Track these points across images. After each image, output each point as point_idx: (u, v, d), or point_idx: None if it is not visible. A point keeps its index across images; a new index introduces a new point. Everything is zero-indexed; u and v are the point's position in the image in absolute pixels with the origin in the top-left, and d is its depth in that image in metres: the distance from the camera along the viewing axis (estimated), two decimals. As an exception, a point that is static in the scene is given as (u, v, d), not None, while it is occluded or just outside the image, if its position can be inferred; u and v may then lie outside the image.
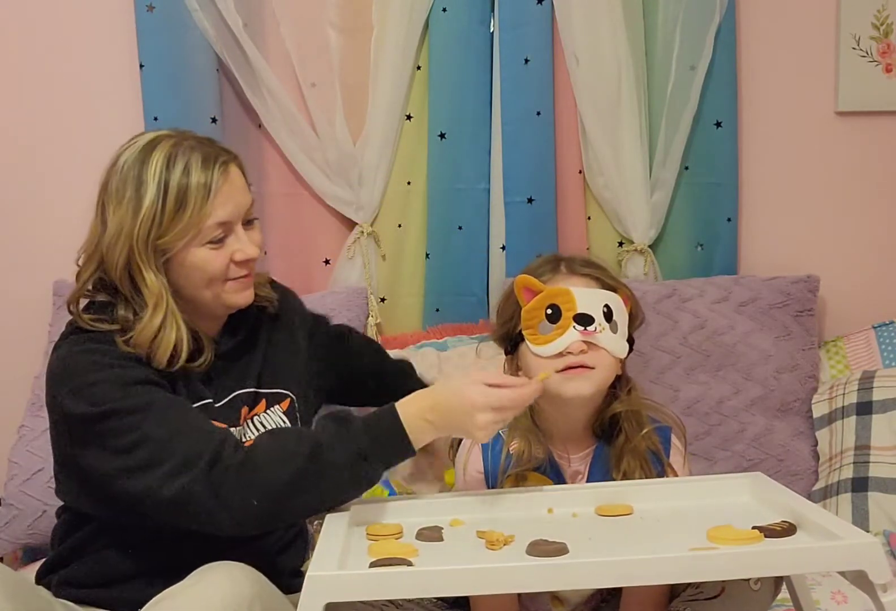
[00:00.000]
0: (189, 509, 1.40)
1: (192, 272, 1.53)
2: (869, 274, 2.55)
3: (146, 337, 1.49)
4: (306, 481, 1.40)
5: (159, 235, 1.48)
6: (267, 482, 1.40)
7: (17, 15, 2.36)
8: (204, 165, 1.50)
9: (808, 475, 2.24)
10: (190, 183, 1.48)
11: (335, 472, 1.41)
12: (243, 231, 1.55)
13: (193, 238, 1.50)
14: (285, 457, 1.42)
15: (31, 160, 2.40)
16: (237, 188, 1.54)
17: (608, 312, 1.55)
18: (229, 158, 1.55)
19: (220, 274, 1.53)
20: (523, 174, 2.39)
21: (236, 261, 1.54)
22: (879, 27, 2.48)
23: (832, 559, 1.19)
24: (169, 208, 1.47)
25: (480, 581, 1.19)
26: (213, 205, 1.49)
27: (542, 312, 1.55)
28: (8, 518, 2.11)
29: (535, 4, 2.35)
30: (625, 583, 1.39)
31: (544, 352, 1.54)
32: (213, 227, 1.50)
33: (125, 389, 1.46)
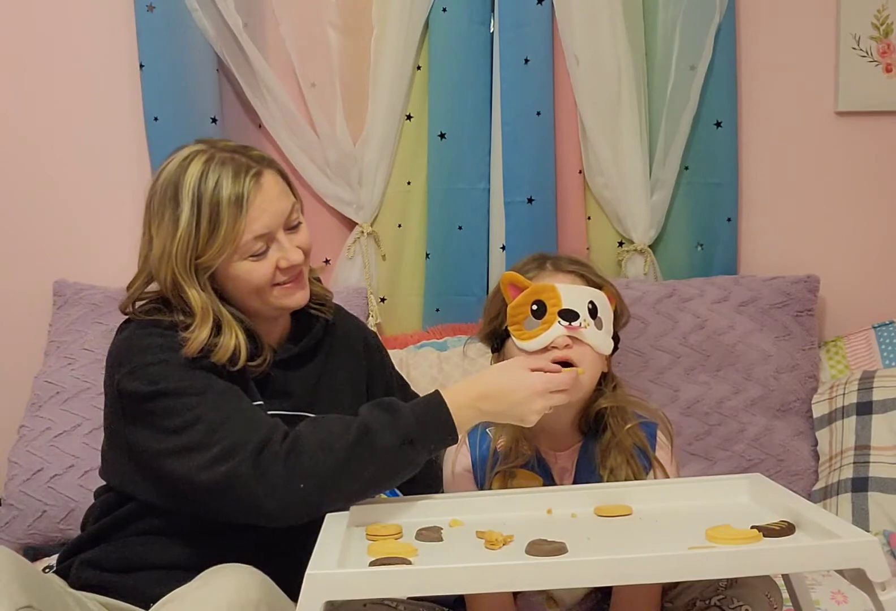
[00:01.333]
0: (234, 494, 1.40)
1: (237, 284, 1.54)
2: (869, 274, 2.56)
3: (196, 346, 1.49)
4: (353, 465, 1.40)
5: (197, 254, 1.49)
6: (314, 467, 1.39)
7: (18, 15, 2.36)
8: (234, 179, 1.49)
9: (808, 475, 2.24)
10: (221, 200, 1.47)
11: (382, 456, 1.41)
12: (286, 237, 1.53)
13: (233, 254, 1.49)
14: (333, 442, 1.41)
15: (31, 160, 2.40)
16: (272, 197, 1.52)
17: (593, 309, 1.56)
18: (261, 166, 1.53)
19: (265, 283, 1.53)
20: (523, 174, 2.39)
21: (282, 268, 1.53)
22: (879, 27, 2.48)
23: (830, 558, 1.19)
24: (203, 228, 1.47)
25: (479, 580, 1.19)
26: (247, 219, 1.48)
27: (527, 308, 1.55)
28: (8, 518, 2.12)
29: (535, 4, 2.35)
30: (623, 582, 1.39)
31: (529, 347, 1.54)
32: (251, 241, 1.50)
33: (183, 371, 1.47)
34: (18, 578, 1.30)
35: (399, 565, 1.22)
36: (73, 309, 2.32)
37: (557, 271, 1.61)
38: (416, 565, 1.22)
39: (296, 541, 1.40)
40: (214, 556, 1.45)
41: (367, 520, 1.43)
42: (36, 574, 1.37)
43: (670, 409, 2.20)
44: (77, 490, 2.10)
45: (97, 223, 2.43)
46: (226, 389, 1.49)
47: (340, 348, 1.73)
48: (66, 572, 1.60)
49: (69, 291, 2.35)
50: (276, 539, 1.51)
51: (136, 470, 1.53)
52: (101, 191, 2.42)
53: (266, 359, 1.57)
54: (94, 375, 2.20)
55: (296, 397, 1.61)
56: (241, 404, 1.48)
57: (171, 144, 2.28)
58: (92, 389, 2.18)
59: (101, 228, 2.43)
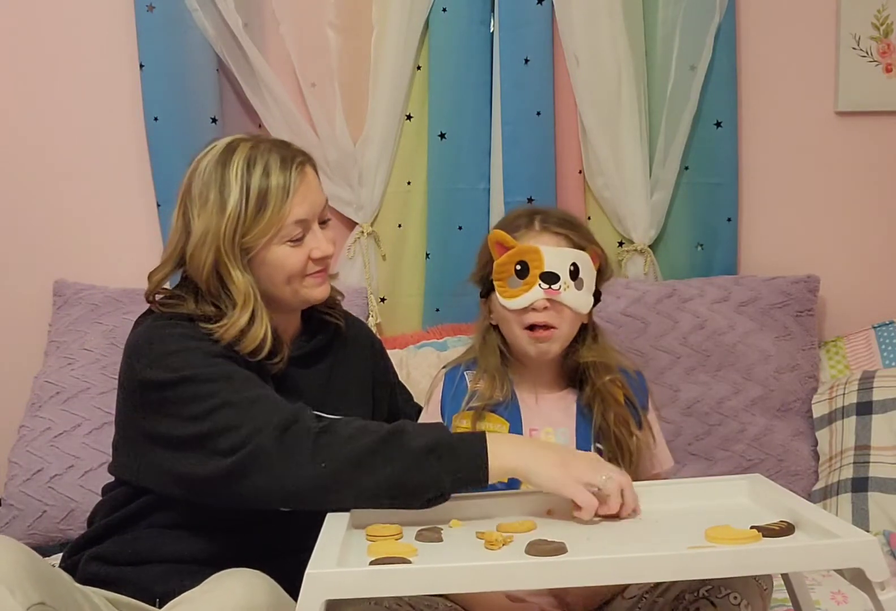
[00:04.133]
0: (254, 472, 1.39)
1: (273, 270, 1.57)
2: (869, 274, 2.56)
3: (233, 332, 1.53)
4: (376, 459, 1.38)
5: (243, 233, 1.53)
6: (340, 450, 1.38)
7: (18, 15, 2.37)
8: (282, 167, 1.55)
9: (808, 475, 2.24)
10: (270, 184, 1.53)
11: (405, 457, 1.38)
12: (320, 229, 1.60)
13: (274, 236, 1.54)
14: (364, 434, 1.41)
15: (31, 160, 2.40)
16: (313, 188, 1.60)
17: (574, 271, 1.63)
18: (305, 158, 1.61)
19: (298, 270, 1.58)
20: (523, 174, 2.39)
21: (314, 258, 1.58)
22: (879, 27, 2.48)
23: (830, 557, 1.18)
24: (251, 208, 1.53)
25: (479, 579, 1.19)
26: (291, 204, 1.54)
27: (511, 267, 1.64)
28: (8, 518, 2.12)
29: (535, 4, 2.35)
30: (623, 581, 1.39)
31: (510, 305, 1.64)
32: (292, 225, 1.55)
33: (206, 359, 1.50)
34: (32, 574, 1.31)
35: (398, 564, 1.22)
36: (73, 309, 2.32)
37: (544, 232, 1.67)
38: (415, 565, 1.22)
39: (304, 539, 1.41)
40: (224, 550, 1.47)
41: (367, 521, 1.43)
42: (48, 570, 1.37)
43: (670, 409, 2.20)
44: (77, 490, 2.10)
45: (97, 223, 2.43)
46: (249, 376, 1.50)
47: (350, 351, 1.76)
48: (72, 568, 1.60)
49: (69, 291, 2.35)
50: (286, 536, 1.52)
51: (152, 462, 1.53)
52: (101, 191, 2.42)
53: (284, 356, 1.60)
54: (94, 375, 2.20)
55: (306, 396, 1.61)
56: (265, 391, 1.49)
57: (171, 144, 2.34)
58: (92, 389, 2.18)
59: (102, 228, 2.43)
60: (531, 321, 1.63)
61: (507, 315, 1.66)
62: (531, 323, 1.63)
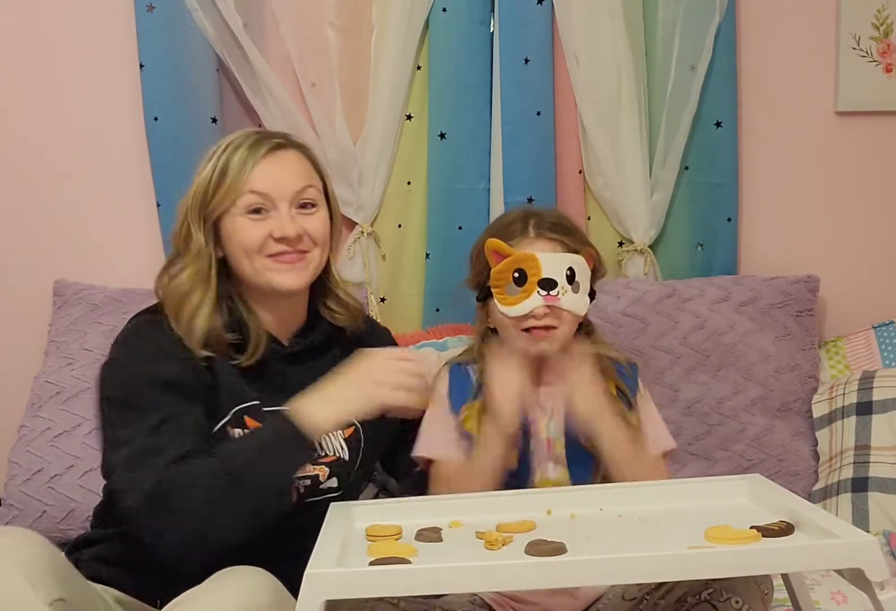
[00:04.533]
0: (137, 525, 1.45)
1: (232, 241, 1.60)
2: (869, 274, 2.56)
3: (174, 289, 1.59)
4: (223, 496, 1.42)
5: (207, 201, 1.59)
6: (183, 509, 1.42)
7: (18, 15, 2.37)
8: (255, 144, 1.60)
9: (808, 475, 2.24)
10: (234, 155, 1.59)
11: (243, 476, 1.43)
12: (288, 210, 1.60)
13: (232, 206, 1.58)
14: (196, 480, 1.43)
15: (31, 160, 2.40)
16: (285, 168, 1.61)
17: (571, 275, 1.66)
18: (289, 143, 1.65)
19: (255, 245, 1.59)
20: (523, 174, 2.39)
21: (275, 237, 1.59)
22: (879, 27, 2.48)
23: (829, 557, 1.19)
24: (215, 177, 1.58)
25: (479, 579, 1.19)
26: (251, 174, 1.58)
27: (509, 275, 1.66)
28: (8, 518, 2.12)
29: (535, 4, 2.35)
30: (622, 581, 1.40)
31: (510, 312, 1.66)
32: (249, 195, 1.58)
33: (145, 388, 1.52)
34: (53, 569, 1.32)
35: (398, 564, 1.22)
36: (73, 309, 2.32)
37: (539, 238, 1.69)
38: (415, 565, 1.23)
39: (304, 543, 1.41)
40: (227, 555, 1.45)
41: (368, 521, 1.43)
42: (67, 566, 1.39)
43: (670, 409, 2.20)
44: (77, 490, 2.10)
45: (97, 223, 2.43)
46: (169, 416, 1.50)
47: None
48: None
49: (69, 291, 2.35)
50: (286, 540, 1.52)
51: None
52: (101, 191, 2.42)
53: (255, 354, 1.60)
54: (94, 375, 2.18)
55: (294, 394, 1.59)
56: (166, 439, 1.48)
57: (171, 144, 2.34)
58: (92, 389, 2.16)
59: (102, 228, 2.43)
60: (530, 326, 1.66)
61: (506, 321, 1.68)
62: (527, 327, 1.66)
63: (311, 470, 1.61)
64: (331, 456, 1.65)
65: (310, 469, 1.61)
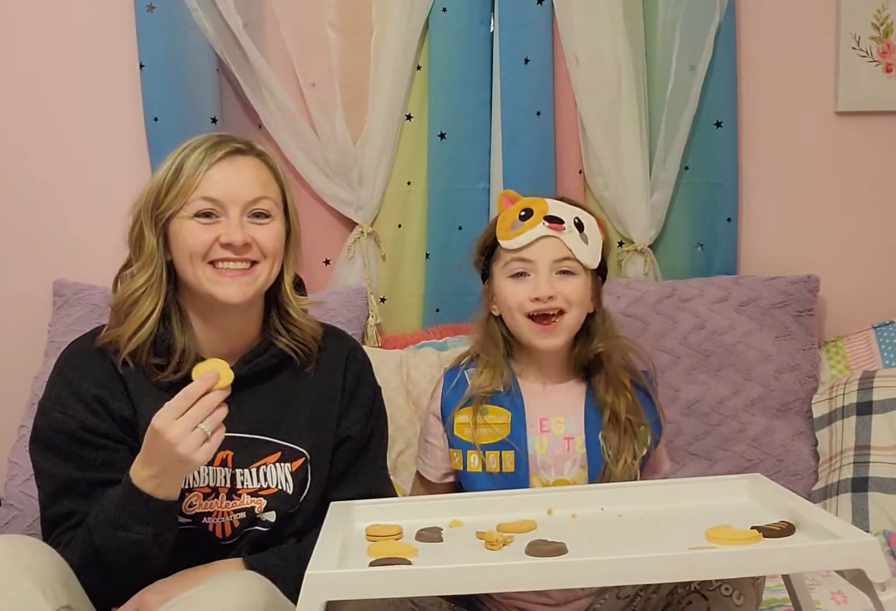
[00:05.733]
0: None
1: (178, 244, 1.54)
2: (869, 274, 2.56)
3: (126, 294, 1.55)
4: (98, 574, 1.44)
5: (158, 203, 1.54)
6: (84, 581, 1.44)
7: (18, 15, 2.36)
8: (213, 147, 1.55)
9: (808, 475, 2.24)
10: (189, 157, 1.54)
11: (111, 553, 1.43)
12: (238, 218, 1.53)
13: (182, 207, 1.53)
14: (76, 563, 1.43)
15: (31, 160, 2.40)
16: (241, 176, 1.55)
17: (579, 223, 1.63)
18: (249, 149, 1.59)
19: (200, 249, 1.52)
20: (523, 174, 2.39)
21: (221, 242, 1.52)
22: (879, 27, 2.48)
23: (830, 558, 1.19)
24: (168, 178, 1.54)
25: (479, 580, 1.19)
26: (203, 178, 1.53)
27: (516, 214, 1.64)
28: (8, 518, 2.12)
29: (535, 4, 2.35)
30: (623, 582, 1.39)
31: (509, 245, 1.63)
32: (199, 200, 1.52)
33: (43, 436, 1.54)
34: (61, 578, 1.34)
35: (399, 565, 1.22)
36: (73, 309, 2.32)
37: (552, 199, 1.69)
38: (415, 565, 1.22)
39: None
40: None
41: (368, 520, 1.43)
42: (71, 574, 1.40)
43: (670, 409, 2.20)
44: (77, 490, 2.10)
45: (97, 223, 2.42)
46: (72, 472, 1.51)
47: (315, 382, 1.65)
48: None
49: (69, 291, 2.35)
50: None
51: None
52: (101, 191, 2.42)
53: (174, 367, 1.54)
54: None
55: (249, 420, 1.57)
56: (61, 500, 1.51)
57: (171, 144, 2.28)
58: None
59: (102, 228, 2.41)
60: (533, 309, 1.60)
61: (510, 302, 1.63)
62: (534, 310, 1.61)
63: (248, 502, 1.56)
64: (272, 488, 1.57)
65: (247, 501, 1.56)
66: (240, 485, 1.57)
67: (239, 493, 1.56)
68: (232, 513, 1.55)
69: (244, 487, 1.57)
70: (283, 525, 1.58)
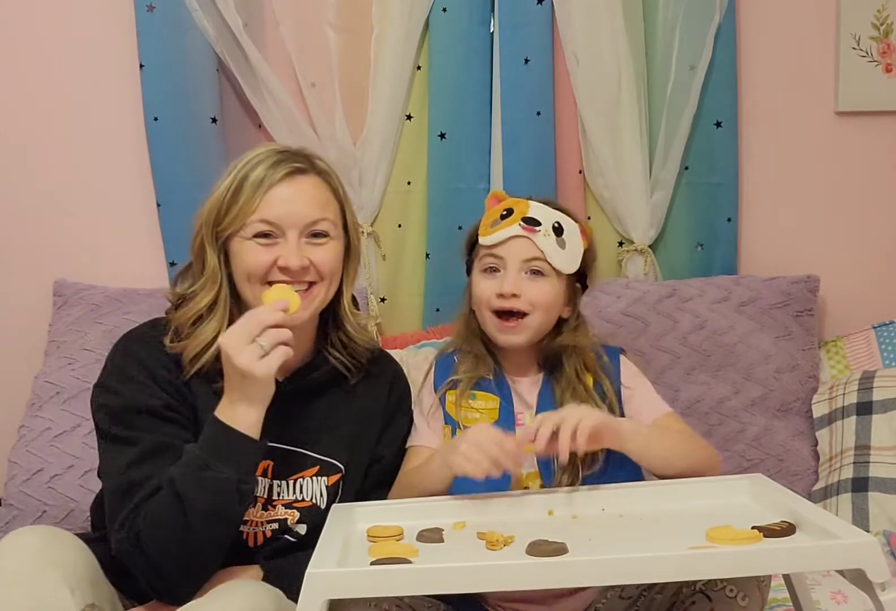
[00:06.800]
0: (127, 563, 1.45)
1: (237, 263, 1.54)
2: (869, 274, 2.56)
3: (190, 313, 1.54)
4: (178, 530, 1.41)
5: (220, 219, 1.53)
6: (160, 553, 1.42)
7: (18, 15, 2.36)
8: (272, 165, 1.53)
9: (808, 475, 2.24)
10: (249, 175, 1.52)
11: (193, 498, 1.40)
12: (297, 240, 1.52)
13: (242, 228, 1.52)
14: (161, 519, 1.42)
15: (31, 160, 2.40)
16: (300, 196, 1.54)
17: (558, 228, 1.64)
18: (309, 168, 1.57)
19: (258, 270, 1.52)
20: (523, 174, 2.39)
21: (280, 266, 1.52)
22: (879, 27, 2.48)
23: (830, 558, 1.19)
24: (230, 195, 1.52)
25: (480, 579, 1.19)
26: (262, 200, 1.51)
27: (498, 213, 1.67)
28: (8, 518, 2.12)
29: (535, 4, 2.35)
30: (623, 581, 1.40)
31: (486, 241, 1.65)
32: (258, 223, 1.51)
33: (121, 417, 1.51)
34: (87, 574, 1.35)
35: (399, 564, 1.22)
36: (73, 309, 2.32)
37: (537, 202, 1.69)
38: (416, 565, 1.22)
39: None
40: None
41: (369, 521, 1.43)
42: (98, 570, 1.40)
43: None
44: (77, 490, 2.10)
45: (97, 223, 2.43)
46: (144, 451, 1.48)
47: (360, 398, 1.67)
48: None
49: (69, 291, 2.35)
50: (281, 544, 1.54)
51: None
52: (101, 191, 2.42)
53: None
54: (94, 375, 2.14)
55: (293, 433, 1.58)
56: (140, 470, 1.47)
57: (171, 144, 2.34)
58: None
59: (102, 228, 2.43)
60: (497, 305, 1.62)
61: (478, 295, 1.65)
62: (498, 307, 1.62)
63: (282, 514, 1.57)
64: (307, 502, 1.59)
65: (281, 513, 1.57)
66: (276, 496, 1.57)
67: (274, 504, 1.57)
68: (265, 523, 1.56)
69: (280, 498, 1.58)
70: (310, 537, 1.57)
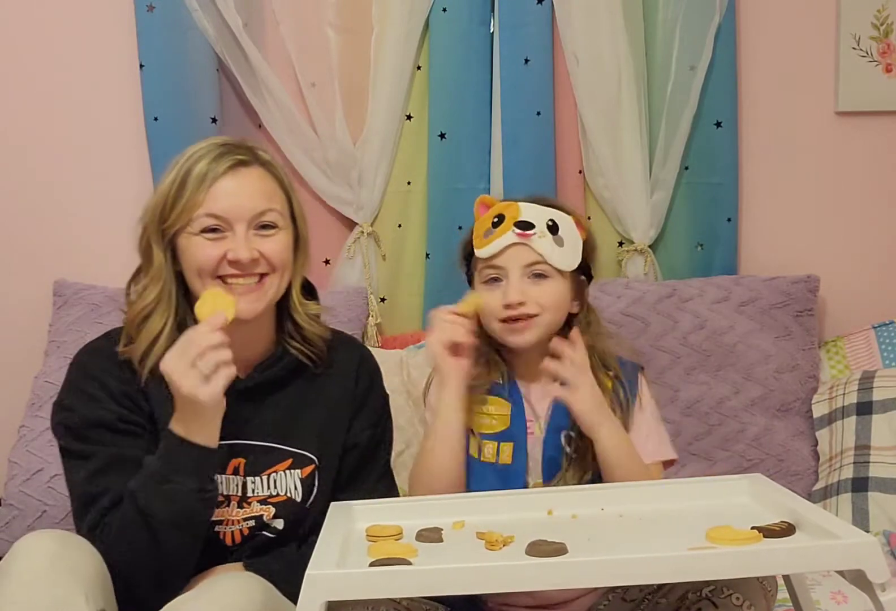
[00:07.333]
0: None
1: (187, 259, 1.52)
2: (869, 274, 2.56)
3: (137, 310, 1.55)
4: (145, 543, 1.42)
5: (164, 217, 1.51)
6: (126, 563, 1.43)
7: (18, 15, 2.36)
8: (216, 158, 1.51)
9: (808, 475, 2.24)
10: (193, 170, 1.50)
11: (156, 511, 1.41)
12: (245, 233, 1.50)
13: (188, 224, 1.50)
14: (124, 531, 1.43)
15: (30, 160, 2.40)
16: (245, 189, 1.51)
17: (553, 226, 1.60)
18: (252, 159, 1.54)
19: (208, 265, 1.50)
20: (523, 174, 2.39)
21: (229, 260, 1.50)
22: (879, 27, 2.48)
23: (830, 559, 1.18)
24: (174, 191, 1.50)
25: (479, 580, 1.19)
26: (208, 194, 1.49)
27: (489, 222, 1.63)
28: (8, 518, 2.12)
29: (535, 4, 2.35)
30: (623, 582, 1.39)
31: (482, 253, 1.62)
32: (204, 217, 1.49)
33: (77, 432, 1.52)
34: (100, 580, 1.35)
35: (399, 565, 1.22)
36: (73, 309, 2.32)
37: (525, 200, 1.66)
38: (415, 566, 1.22)
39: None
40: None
41: (368, 521, 1.43)
42: (108, 577, 1.40)
43: (670, 409, 2.20)
44: (77, 490, 2.10)
45: (97, 223, 2.43)
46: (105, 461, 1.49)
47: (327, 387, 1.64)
48: None
49: (69, 291, 2.35)
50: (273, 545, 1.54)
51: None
52: (101, 191, 2.42)
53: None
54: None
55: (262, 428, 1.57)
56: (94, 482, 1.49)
57: (171, 144, 2.33)
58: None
59: (101, 228, 2.43)
60: (506, 315, 1.59)
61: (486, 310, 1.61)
62: (506, 317, 1.59)
63: (257, 510, 1.56)
64: (281, 496, 1.57)
65: (256, 509, 1.56)
66: (250, 493, 1.56)
67: (249, 501, 1.56)
68: (242, 521, 1.55)
69: (254, 494, 1.56)
70: (288, 531, 1.57)
